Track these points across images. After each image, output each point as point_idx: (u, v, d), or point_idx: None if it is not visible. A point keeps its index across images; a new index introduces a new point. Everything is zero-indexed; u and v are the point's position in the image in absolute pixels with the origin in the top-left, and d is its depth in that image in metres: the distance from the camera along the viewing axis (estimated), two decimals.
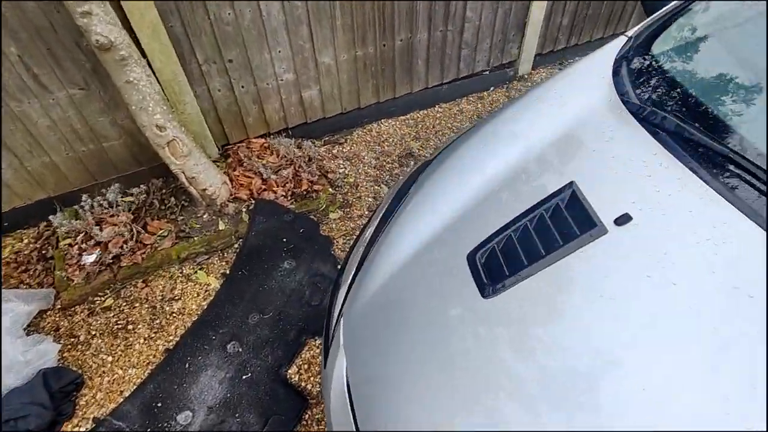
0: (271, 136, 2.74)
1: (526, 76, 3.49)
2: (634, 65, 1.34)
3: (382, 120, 3.10)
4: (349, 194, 2.62)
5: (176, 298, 2.17)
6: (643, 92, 1.26)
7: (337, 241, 2.38)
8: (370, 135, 3.00)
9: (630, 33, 1.45)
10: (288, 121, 2.77)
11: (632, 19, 3.70)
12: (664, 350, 0.82)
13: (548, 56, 3.55)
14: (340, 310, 1.23)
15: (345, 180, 2.70)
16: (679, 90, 1.22)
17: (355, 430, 1.03)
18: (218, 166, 2.52)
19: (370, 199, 2.59)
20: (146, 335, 2.04)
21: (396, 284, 1.14)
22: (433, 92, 3.17)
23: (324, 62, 2.62)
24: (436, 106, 3.23)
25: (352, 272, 1.30)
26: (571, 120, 1.26)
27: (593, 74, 1.37)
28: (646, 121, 1.16)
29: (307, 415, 1.80)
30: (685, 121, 1.12)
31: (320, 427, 1.77)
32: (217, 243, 2.33)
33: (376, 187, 2.66)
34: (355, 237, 2.39)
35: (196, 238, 2.33)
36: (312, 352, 1.97)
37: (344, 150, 2.89)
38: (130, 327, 2.07)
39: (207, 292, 2.18)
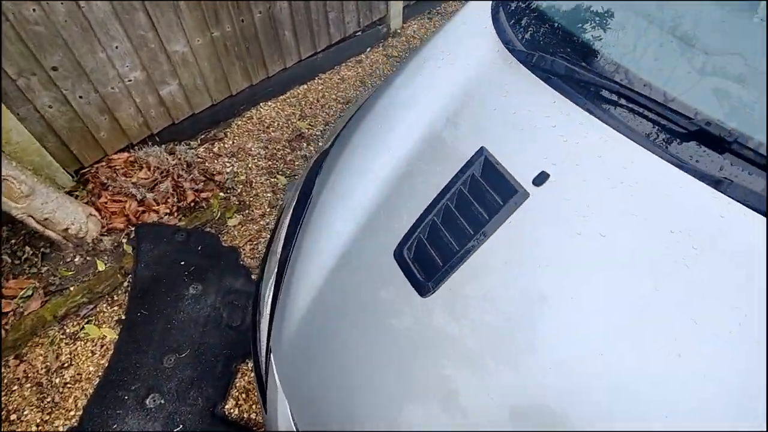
0: (136, 148, 2.35)
1: (399, 31, 3.39)
2: (511, 8, 1.29)
3: (261, 104, 2.82)
4: (244, 194, 2.37)
5: (65, 365, 1.81)
6: (527, 37, 1.21)
7: (244, 249, 2.15)
8: (251, 123, 2.72)
9: None
10: (151, 127, 2.38)
11: None
12: (605, 299, 0.81)
13: (417, 6, 3.48)
14: (268, 344, 1.07)
15: (235, 179, 2.42)
16: (561, 29, 1.19)
17: None
18: (77, 197, 2.11)
19: (268, 194, 2.37)
20: (38, 420, 1.69)
21: (323, 304, 1.00)
22: (308, 64, 2.94)
23: (176, 51, 2.26)
24: (316, 78, 3.02)
25: (270, 295, 1.14)
26: (463, 79, 1.18)
27: (475, 24, 1.29)
28: (537, 69, 1.12)
29: None
30: (573, 63, 1.10)
31: None
32: (101, 287, 1.97)
33: (272, 179, 2.44)
34: (264, 242, 2.17)
35: (72, 288, 1.95)
36: (247, 377, 1.79)
37: (226, 146, 2.59)
38: (13, 417, 1.70)
39: (104, 347, 1.86)
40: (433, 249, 0.95)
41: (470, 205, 0.98)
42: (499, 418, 0.78)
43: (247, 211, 2.30)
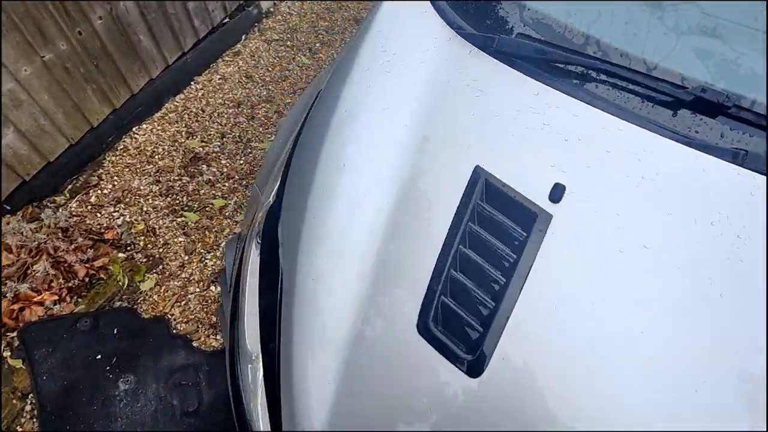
0: None
1: (272, 10, 2.99)
2: None
3: (134, 129, 2.31)
4: (150, 246, 1.95)
5: None
6: (481, 17, 1.03)
7: (173, 314, 1.78)
8: (129, 155, 2.22)
9: None
10: None
11: None
12: (679, 324, 0.72)
13: None
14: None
15: (132, 231, 1.98)
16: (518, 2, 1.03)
17: None
18: None
19: (180, 239, 1.97)
20: None
21: (344, 418, 0.79)
22: (179, 69, 2.46)
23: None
24: (192, 83, 2.55)
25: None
26: (422, 85, 0.97)
27: (410, 11, 1.07)
28: (504, 55, 0.95)
29: None
30: (545, 42, 0.95)
31: None
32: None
33: (179, 219, 2.03)
34: (194, 298, 1.81)
35: None
36: None
37: (105, 191, 2.09)
38: None
39: None
40: (465, 314, 0.77)
41: (488, 245, 0.81)
42: None
43: (161, 267, 1.89)
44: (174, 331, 1.74)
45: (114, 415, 1.55)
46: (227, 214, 2.06)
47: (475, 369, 0.73)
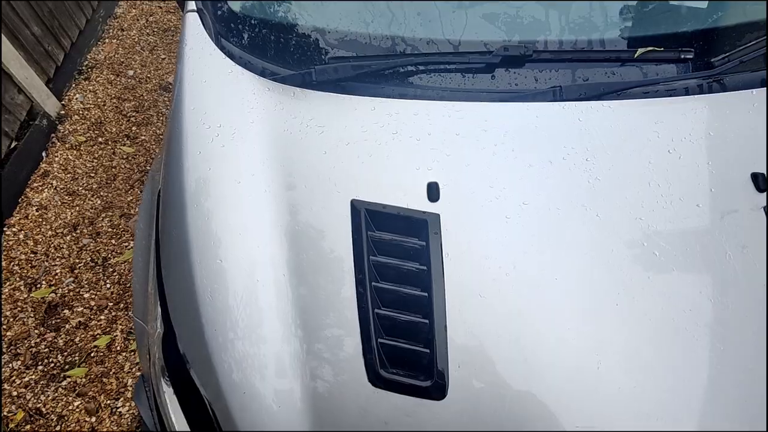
0: None
1: (63, 113, 2.63)
2: (245, 35, 1.04)
3: None
4: (42, 431, 1.61)
5: None
6: (288, 56, 1.01)
7: None
8: None
9: (193, 6, 1.09)
10: None
11: None
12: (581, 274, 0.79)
13: (62, 72, 2.71)
14: None
15: (10, 427, 1.61)
16: (316, 29, 1.02)
17: None
18: None
19: (76, 403, 1.66)
20: None
21: None
22: None
23: None
24: (4, 230, 2.15)
25: None
26: (264, 142, 0.92)
27: (219, 76, 1.00)
28: (326, 84, 0.94)
29: None
30: (358, 57, 0.97)
31: None
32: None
33: (64, 383, 1.71)
34: None
35: None
36: None
37: None
38: None
39: None
40: (407, 343, 0.76)
41: (396, 269, 0.80)
42: None
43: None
44: None
45: None
46: (118, 348, 1.79)
47: (439, 390, 0.72)
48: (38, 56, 2.50)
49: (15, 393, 1.69)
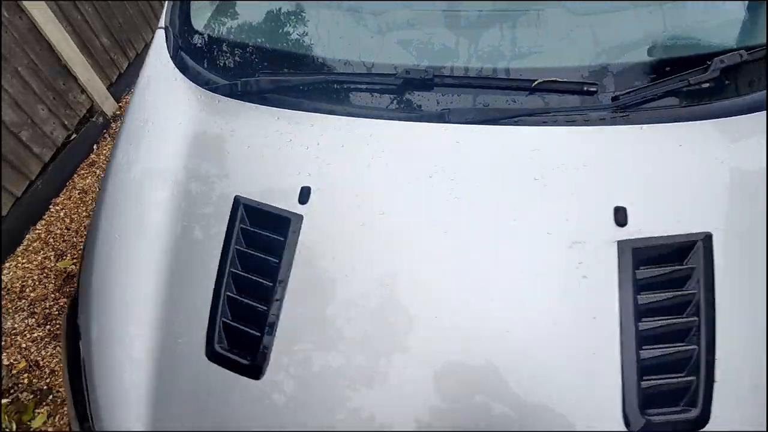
0: None
1: (118, 113, 3.04)
2: (202, 55, 1.20)
3: None
4: (36, 381, 1.86)
5: None
6: (228, 70, 1.15)
7: None
8: None
9: (162, 23, 1.28)
10: None
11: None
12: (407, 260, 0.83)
13: (125, 77, 3.14)
14: None
15: (13, 373, 1.88)
16: (259, 46, 1.16)
17: None
18: None
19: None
20: None
21: None
22: (31, 198, 2.42)
23: None
24: (50, 207, 2.51)
25: None
26: (183, 138, 1.07)
27: (163, 77, 1.17)
28: (248, 95, 1.07)
29: None
30: (280, 73, 1.09)
31: None
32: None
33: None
34: None
35: None
36: None
37: None
38: None
39: None
40: (243, 325, 0.84)
41: (254, 259, 0.90)
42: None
43: (51, 397, 1.81)
44: None
45: None
46: None
47: (257, 372, 0.80)
48: (104, 63, 2.93)
49: (23, 345, 1.97)
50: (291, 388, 0.78)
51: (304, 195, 0.92)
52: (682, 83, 0.89)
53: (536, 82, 0.96)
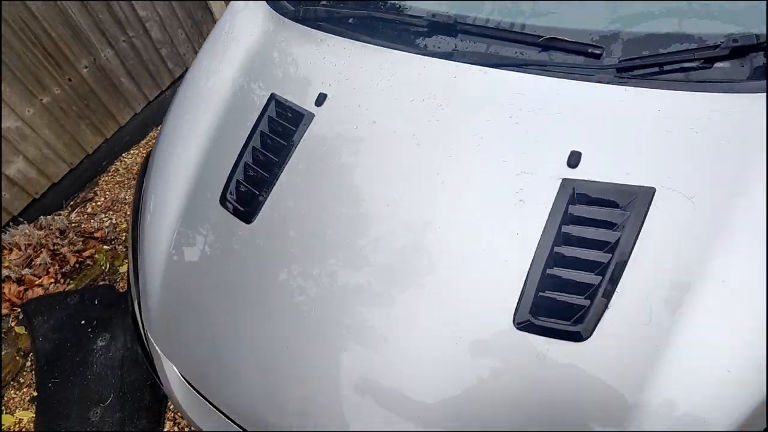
0: None
1: None
2: None
3: (123, 155, 2.82)
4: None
5: None
6: (296, 1, 1.39)
7: None
8: (118, 175, 2.72)
9: None
10: (10, 210, 2.31)
11: None
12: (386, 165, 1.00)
13: None
14: (143, 323, 1.15)
15: (116, 230, 2.42)
16: None
17: (219, 411, 1.01)
18: None
19: None
20: None
21: (173, 268, 1.11)
22: (159, 104, 2.98)
23: (9, 128, 2.22)
24: None
25: (136, 286, 1.22)
26: (249, 48, 1.33)
27: (248, 9, 1.45)
28: (305, 21, 1.29)
29: None
30: (329, 6, 1.30)
31: None
32: (2, 375, 1.89)
33: None
34: None
35: None
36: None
37: (99, 203, 2.57)
38: None
39: (23, 430, 1.79)
40: (249, 185, 1.09)
41: (272, 140, 1.13)
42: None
43: None
44: None
45: (91, 363, 1.91)
46: None
47: (249, 218, 1.04)
48: None
49: (128, 212, 2.49)
50: (273, 234, 1.01)
51: (320, 100, 1.13)
52: (685, 56, 0.92)
53: (543, 38, 1.05)
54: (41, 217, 2.35)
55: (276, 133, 1.13)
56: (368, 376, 0.87)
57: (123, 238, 2.38)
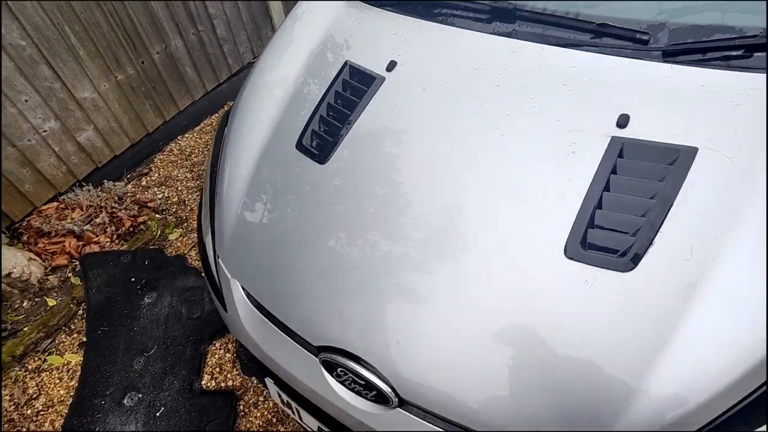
0: (63, 197, 2.45)
1: None
2: None
3: (179, 137, 3.02)
4: (179, 211, 2.53)
5: (34, 396, 1.84)
6: None
7: (190, 255, 2.30)
8: (173, 155, 2.91)
9: None
10: (76, 174, 2.51)
11: None
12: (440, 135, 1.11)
13: None
14: (215, 251, 1.26)
15: (168, 202, 2.58)
16: None
17: (281, 330, 1.11)
18: (14, 248, 2.17)
19: None
20: None
21: (251, 198, 1.23)
22: (215, 95, 3.20)
23: (85, 98, 2.44)
24: (224, 106, 3.28)
25: (208, 214, 1.34)
26: (326, 24, 1.49)
27: None
28: (376, 1, 1.45)
29: (241, 405, 1.75)
30: None
31: (258, 408, 1.75)
32: (56, 320, 2.03)
33: None
34: None
35: (25, 329, 1.99)
36: (217, 356, 1.91)
37: (153, 178, 2.75)
38: None
39: (71, 371, 1.90)
40: (324, 133, 1.22)
41: (345, 98, 1.27)
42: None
43: (185, 225, 2.45)
44: (189, 265, 2.24)
45: (138, 317, 2.03)
46: None
47: (322, 161, 1.16)
48: None
49: (179, 188, 2.66)
50: (342, 175, 1.12)
51: (391, 66, 1.26)
52: (725, 43, 1.02)
53: (595, 24, 1.17)
54: (105, 180, 2.53)
55: (349, 91, 1.26)
56: (434, 291, 0.95)
57: (174, 210, 2.54)
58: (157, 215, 2.48)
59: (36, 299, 2.09)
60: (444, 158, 1.07)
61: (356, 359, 0.97)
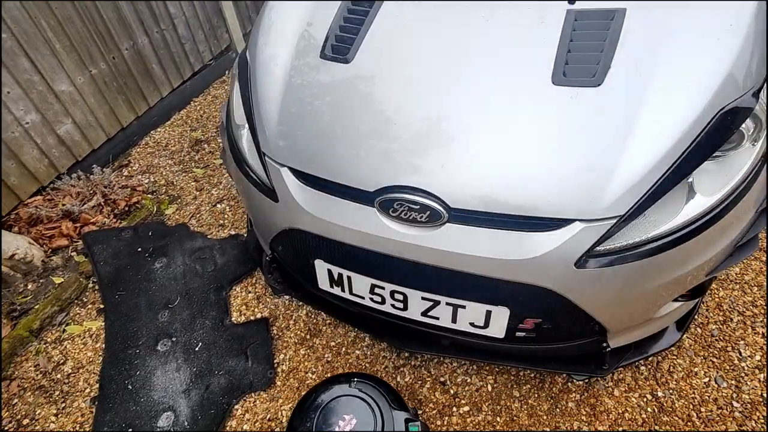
0: (48, 189, 2.46)
1: None
2: None
3: (152, 132, 3.10)
4: (170, 191, 2.61)
5: (61, 363, 1.85)
6: None
7: (191, 223, 2.39)
8: (149, 147, 2.98)
9: None
10: (58, 167, 2.52)
11: None
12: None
13: None
14: (259, 149, 1.44)
15: (156, 185, 2.65)
16: None
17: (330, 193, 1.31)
18: None
19: (192, 183, 2.64)
20: (54, 411, 1.71)
21: (289, 95, 1.43)
22: (181, 92, 3.31)
23: (63, 90, 2.49)
24: (191, 102, 3.39)
25: (250, 131, 1.51)
26: None
27: None
28: None
29: (274, 329, 1.88)
30: None
31: (291, 330, 1.89)
32: (68, 293, 2.04)
33: (190, 174, 2.72)
34: (205, 212, 2.44)
35: (37, 307, 1.98)
36: (240, 298, 2.02)
37: (134, 168, 2.80)
38: (26, 422, 1.69)
39: (94, 335, 1.93)
40: (346, 34, 1.46)
41: (358, 11, 1.52)
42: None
43: (179, 200, 2.54)
44: (193, 231, 2.34)
45: (154, 279, 2.09)
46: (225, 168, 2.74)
47: (348, 60, 1.40)
48: (244, 16, 3.88)
49: (164, 173, 2.75)
50: (368, 72, 1.37)
51: None
52: None
53: None
54: (94, 166, 2.57)
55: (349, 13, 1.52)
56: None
57: (164, 190, 2.62)
58: (149, 196, 2.54)
59: (41, 280, 2.09)
60: (452, 35, 1.36)
61: (410, 190, 1.20)
